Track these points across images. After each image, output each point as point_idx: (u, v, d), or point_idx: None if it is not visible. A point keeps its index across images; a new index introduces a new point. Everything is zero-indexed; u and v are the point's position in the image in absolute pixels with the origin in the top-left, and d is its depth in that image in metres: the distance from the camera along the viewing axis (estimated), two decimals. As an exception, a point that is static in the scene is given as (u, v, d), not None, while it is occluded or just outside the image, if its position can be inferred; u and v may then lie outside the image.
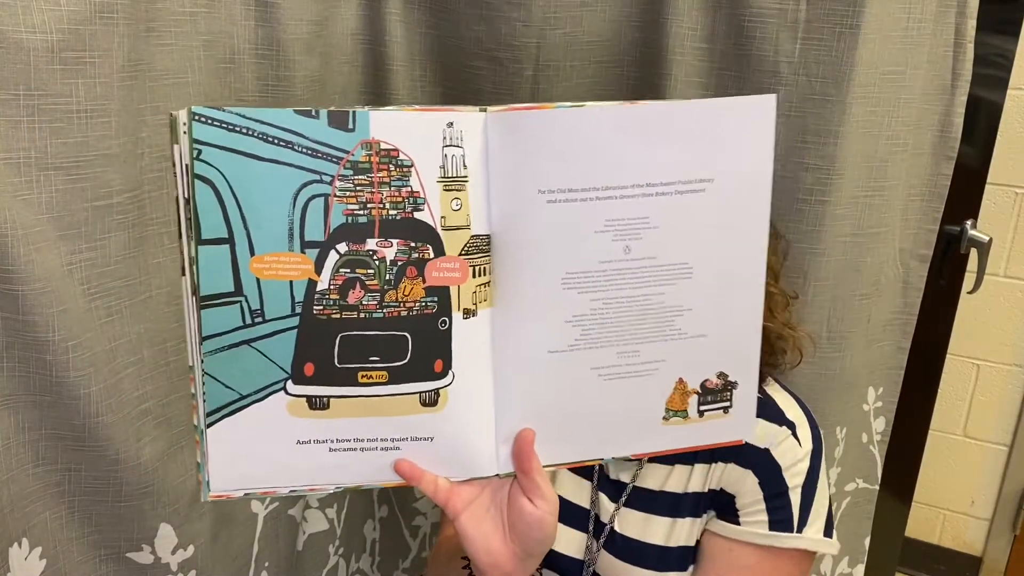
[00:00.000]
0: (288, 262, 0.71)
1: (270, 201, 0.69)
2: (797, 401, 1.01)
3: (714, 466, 0.98)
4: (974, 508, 2.15)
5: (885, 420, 1.33)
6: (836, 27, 1.07)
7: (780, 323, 1.00)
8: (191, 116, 0.67)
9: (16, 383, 0.85)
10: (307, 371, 0.73)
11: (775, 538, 0.94)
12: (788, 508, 0.95)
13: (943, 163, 1.21)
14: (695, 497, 0.98)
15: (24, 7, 0.77)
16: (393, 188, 0.72)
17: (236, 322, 0.71)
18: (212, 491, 0.73)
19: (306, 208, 0.70)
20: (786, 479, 0.96)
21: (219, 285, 0.70)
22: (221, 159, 0.68)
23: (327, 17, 1.09)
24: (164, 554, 1.00)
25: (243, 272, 0.70)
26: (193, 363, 0.72)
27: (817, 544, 0.96)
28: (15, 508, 0.88)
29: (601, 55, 1.17)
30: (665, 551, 0.98)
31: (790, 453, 0.96)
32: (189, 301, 0.71)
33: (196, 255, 0.69)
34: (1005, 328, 2.01)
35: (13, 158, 0.80)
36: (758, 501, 0.95)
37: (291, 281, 0.71)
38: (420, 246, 0.73)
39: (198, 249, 0.69)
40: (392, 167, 0.72)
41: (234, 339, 0.71)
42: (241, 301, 0.71)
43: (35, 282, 0.81)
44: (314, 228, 0.71)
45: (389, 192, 0.72)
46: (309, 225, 0.71)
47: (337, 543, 1.34)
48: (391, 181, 0.72)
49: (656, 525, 0.98)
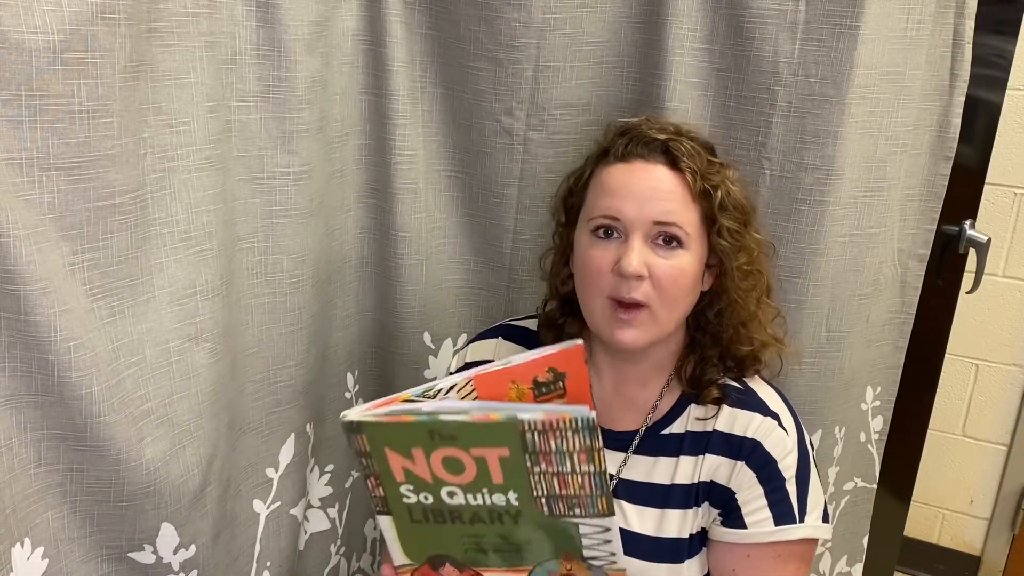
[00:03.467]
0: None
1: None
2: (777, 392, 1.04)
3: (702, 458, 0.99)
4: (973, 507, 2.15)
5: (883, 419, 1.33)
6: (835, 28, 1.08)
7: (770, 335, 1.04)
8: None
9: (18, 383, 0.85)
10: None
11: (783, 531, 0.96)
12: (788, 501, 0.96)
13: (941, 163, 1.21)
14: (684, 489, 0.99)
15: (25, 8, 0.77)
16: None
17: None
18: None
19: None
20: (782, 471, 0.97)
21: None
22: None
23: (328, 18, 1.09)
24: (166, 554, 1.00)
25: None
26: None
27: (819, 530, 0.98)
28: (17, 508, 0.88)
29: (601, 56, 1.17)
30: (656, 541, 0.98)
31: (780, 444, 0.98)
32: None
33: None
34: (1004, 328, 2.01)
35: (15, 158, 0.80)
36: (759, 497, 0.96)
37: None
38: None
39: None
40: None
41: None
42: None
43: (37, 282, 0.82)
44: None
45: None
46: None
47: (338, 543, 1.35)
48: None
49: (645, 516, 0.99)
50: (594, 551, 0.81)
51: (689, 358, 1.04)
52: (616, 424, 1.04)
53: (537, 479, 0.77)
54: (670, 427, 1.02)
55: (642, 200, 0.95)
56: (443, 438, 0.75)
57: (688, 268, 0.96)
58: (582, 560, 0.81)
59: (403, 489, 0.79)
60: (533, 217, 1.23)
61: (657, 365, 1.04)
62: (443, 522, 0.80)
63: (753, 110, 1.13)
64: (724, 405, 1.00)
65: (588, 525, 0.79)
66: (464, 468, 0.77)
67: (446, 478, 0.78)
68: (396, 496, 0.79)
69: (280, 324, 1.14)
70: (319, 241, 1.16)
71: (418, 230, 1.24)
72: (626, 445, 1.03)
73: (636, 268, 0.93)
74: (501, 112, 1.18)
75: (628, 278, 0.93)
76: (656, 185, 0.96)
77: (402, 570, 0.85)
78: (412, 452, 0.77)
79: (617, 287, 0.95)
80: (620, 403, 1.05)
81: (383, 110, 1.18)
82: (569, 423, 0.72)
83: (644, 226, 0.94)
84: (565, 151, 1.21)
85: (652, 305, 0.95)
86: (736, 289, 1.00)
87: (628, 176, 0.97)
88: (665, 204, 0.95)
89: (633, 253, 0.93)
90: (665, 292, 0.95)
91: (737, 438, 0.98)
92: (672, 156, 0.96)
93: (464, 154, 1.23)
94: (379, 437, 0.76)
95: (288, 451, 1.20)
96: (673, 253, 0.95)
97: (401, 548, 0.83)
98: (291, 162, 1.08)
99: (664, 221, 0.95)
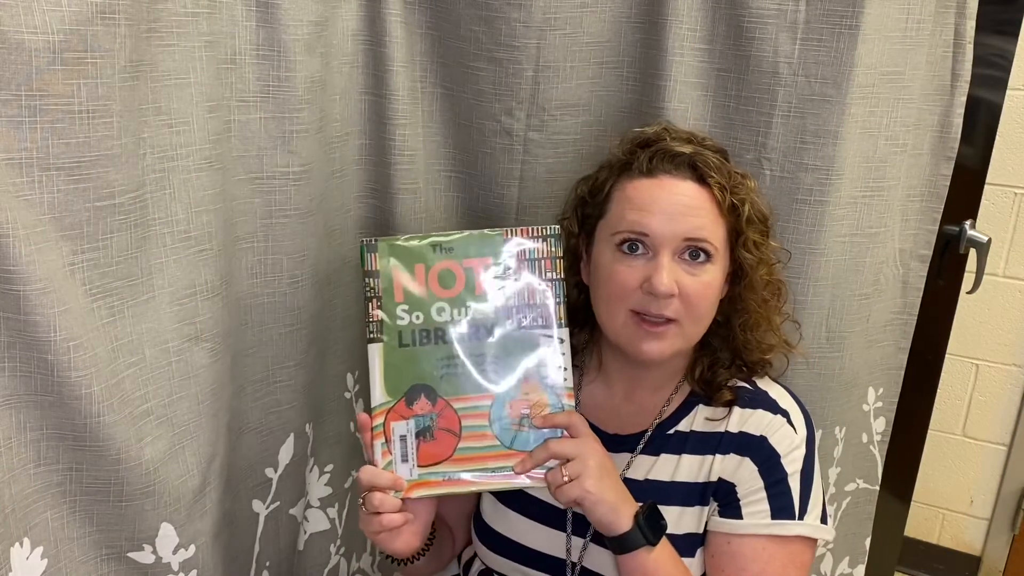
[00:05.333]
0: None
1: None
2: (788, 392, 1.05)
3: (713, 458, 0.99)
4: (973, 508, 2.15)
5: (886, 420, 1.33)
6: (835, 28, 1.08)
7: (780, 339, 1.05)
8: None
9: (17, 383, 0.85)
10: None
11: (778, 526, 0.96)
12: (788, 495, 0.97)
13: (942, 163, 1.21)
14: (687, 487, 0.99)
15: (25, 8, 0.77)
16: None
17: None
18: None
19: None
20: (785, 466, 0.97)
21: None
22: None
23: (328, 18, 1.09)
24: (165, 554, 1.00)
25: None
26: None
27: (817, 530, 0.97)
28: (16, 508, 0.88)
29: (601, 56, 1.17)
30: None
31: (787, 440, 0.98)
32: None
33: None
34: (1004, 328, 2.01)
35: (15, 158, 0.80)
36: (759, 489, 0.96)
37: None
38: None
39: None
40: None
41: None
42: None
43: (37, 282, 0.81)
44: None
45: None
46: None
47: (338, 542, 1.35)
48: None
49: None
50: (549, 367, 0.96)
51: (701, 361, 1.04)
52: (625, 428, 1.04)
53: (511, 288, 0.96)
54: (676, 426, 1.03)
55: (672, 216, 0.95)
56: (444, 250, 0.95)
57: (714, 282, 0.97)
58: (539, 379, 0.96)
59: (399, 310, 0.95)
60: (533, 217, 1.23)
61: (670, 371, 1.05)
62: (427, 343, 0.95)
63: (753, 110, 1.13)
64: (735, 407, 1.01)
65: (547, 336, 0.96)
66: (455, 280, 0.95)
67: (438, 292, 0.95)
68: (392, 318, 0.95)
69: (280, 324, 1.14)
70: (319, 241, 1.16)
71: (418, 230, 1.24)
72: (633, 447, 1.03)
73: (668, 287, 0.93)
74: (501, 112, 1.18)
75: (660, 297, 0.93)
76: (686, 201, 0.96)
77: (378, 411, 0.94)
78: (415, 267, 0.95)
79: (645, 304, 0.95)
80: (630, 408, 1.05)
81: (383, 110, 1.18)
82: (540, 231, 0.96)
83: (673, 242, 0.94)
84: (565, 151, 1.21)
85: (682, 320, 0.95)
86: (756, 299, 1.01)
87: (657, 191, 0.96)
88: (694, 220, 0.95)
89: (664, 272, 0.93)
90: (694, 308, 0.95)
91: (747, 436, 0.99)
92: (699, 171, 0.96)
93: (464, 154, 1.23)
94: (389, 254, 0.95)
95: (287, 451, 1.20)
96: (701, 268, 0.95)
97: (382, 381, 0.94)
98: (291, 162, 1.08)
99: (694, 237, 0.95)
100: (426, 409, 0.95)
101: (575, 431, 0.95)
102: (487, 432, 0.95)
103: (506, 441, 0.95)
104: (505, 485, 0.95)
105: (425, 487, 0.94)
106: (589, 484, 0.90)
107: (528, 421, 0.95)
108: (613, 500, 0.92)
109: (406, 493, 0.93)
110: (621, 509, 0.92)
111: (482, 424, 0.95)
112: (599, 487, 0.91)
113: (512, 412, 0.96)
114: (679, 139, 1.00)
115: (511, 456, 0.95)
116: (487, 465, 0.95)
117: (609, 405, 1.06)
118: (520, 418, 0.95)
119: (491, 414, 0.96)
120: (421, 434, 0.94)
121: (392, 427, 0.94)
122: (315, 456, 1.28)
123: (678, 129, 1.04)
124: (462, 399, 0.95)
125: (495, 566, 1.07)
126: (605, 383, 1.07)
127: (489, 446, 0.95)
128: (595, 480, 0.91)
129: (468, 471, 0.95)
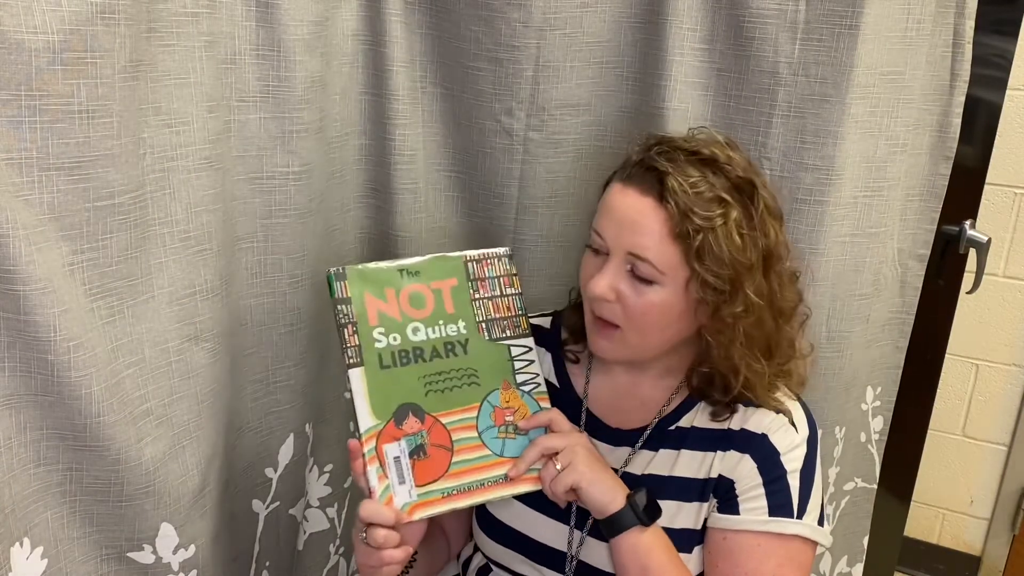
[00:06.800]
0: None
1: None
2: (792, 393, 1.04)
3: (714, 455, 0.99)
4: (973, 508, 2.15)
5: (883, 420, 1.33)
6: (835, 28, 1.08)
7: (784, 370, 1.02)
8: None
9: (17, 383, 0.85)
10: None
11: (775, 523, 0.96)
12: (787, 493, 0.96)
13: (941, 163, 1.21)
14: (684, 482, 0.99)
15: (25, 8, 0.77)
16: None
17: None
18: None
19: None
20: (784, 463, 0.97)
21: None
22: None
23: (327, 18, 1.09)
24: (165, 554, 1.00)
25: None
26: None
27: (815, 532, 0.97)
28: (16, 508, 0.88)
29: (601, 56, 1.17)
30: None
31: (787, 438, 0.98)
32: None
33: None
34: (1004, 328, 2.01)
35: (15, 158, 0.80)
36: (757, 486, 0.96)
37: None
38: None
39: None
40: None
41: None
42: None
43: (36, 282, 0.81)
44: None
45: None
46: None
47: (338, 542, 1.35)
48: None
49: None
50: (523, 375, 1.02)
51: (697, 371, 1.02)
52: (626, 423, 1.05)
53: (478, 305, 1.01)
54: (677, 422, 1.03)
55: (621, 226, 0.95)
56: (411, 274, 0.99)
57: (660, 303, 0.94)
58: (516, 387, 1.01)
59: (376, 333, 0.96)
60: (533, 217, 1.23)
61: (667, 368, 1.05)
62: (408, 363, 0.96)
63: (753, 110, 1.13)
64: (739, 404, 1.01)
65: (516, 346, 1.02)
66: (425, 302, 0.99)
67: (411, 313, 0.98)
68: (369, 342, 0.95)
69: (279, 324, 1.14)
70: (319, 241, 1.16)
71: (418, 230, 1.24)
72: (633, 442, 1.03)
73: (600, 292, 0.95)
74: (501, 112, 1.18)
75: (590, 297, 0.97)
76: (634, 217, 0.93)
77: (368, 435, 0.93)
78: (385, 292, 0.97)
79: (592, 301, 0.98)
80: (631, 403, 1.06)
81: (383, 110, 1.18)
82: (493, 254, 1.03)
83: (619, 253, 0.95)
84: (565, 151, 1.21)
85: (623, 327, 0.97)
86: (722, 338, 0.96)
87: (619, 198, 0.96)
88: (639, 238, 0.93)
89: (601, 277, 0.95)
90: (633, 320, 0.96)
91: (748, 433, 0.99)
92: (662, 190, 0.92)
93: (464, 154, 1.23)
94: (359, 281, 0.96)
95: (287, 451, 1.20)
96: (645, 287, 0.94)
97: (369, 405, 0.94)
98: (291, 162, 1.08)
99: (635, 254, 0.93)
100: (415, 428, 0.95)
101: (557, 426, 0.99)
102: (477, 443, 0.97)
103: (496, 449, 0.98)
104: (504, 493, 0.97)
105: (426, 507, 0.93)
106: (582, 467, 0.94)
107: (513, 427, 0.99)
108: (607, 479, 0.95)
109: (408, 516, 0.92)
110: (616, 488, 0.95)
111: (471, 436, 0.97)
112: (592, 468, 0.94)
113: (497, 421, 0.98)
114: (675, 153, 0.95)
115: (504, 463, 0.98)
116: (483, 476, 0.97)
117: (612, 399, 1.06)
118: (505, 425, 0.99)
119: (478, 425, 0.98)
120: (414, 453, 0.94)
121: (385, 450, 0.93)
122: (315, 456, 1.28)
123: (699, 141, 0.97)
124: (449, 413, 0.97)
125: (496, 556, 1.07)
126: (609, 379, 1.07)
127: (481, 456, 0.97)
128: (586, 464, 0.94)
129: (465, 484, 0.96)
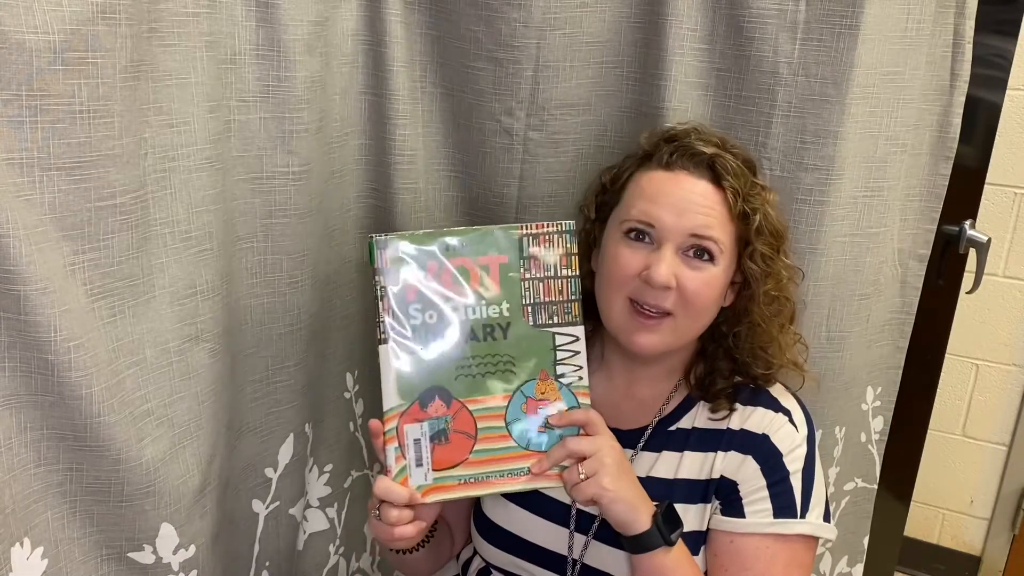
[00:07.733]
0: None
1: None
2: (788, 390, 1.05)
3: (715, 455, 0.99)
4: (973, 508, 2.15)
5: (884, 420, 1.33)
6: (835, 28, 1.08)
7: (789, 360, 1.04)
8: None
9: (18, 383, 0.85)
10: None
11: (781, 524, 0.96)
12: (791, 493, 0.97)
13: (941, 163, 1.21)
14: (690, 484, 0.99)
15: (26, 7, 0.77)
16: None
17: None
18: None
19: None
20: (787, 464, 0.98)
21: None
22: None
23: (327, 18, 1.09)
24: (165, 554, 1.00)
25: None
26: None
27: (820, 529, 0.98)
28: (17, 508, 0.88)
29: (601, 56, 1.17)
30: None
31: (789, 439, 0.99)
32: None
33: None
34: (1004, 328, 2.01)
35: (15, 158, 0.80)
36: (761, 488, 0.97)
37: None
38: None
39: None
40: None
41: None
42: None
43: (37, 282, 0.81)
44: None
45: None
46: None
47: (337, 542, 1.35)
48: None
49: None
50: (565, 366, 0.95)
51: (699, 365, 1.04)
52: (625, 423, 1.04)
53: (527, 286, 0.94)
54: (678, 423, 1.03)
55: (681, 210, 0.95)
56: (457, 247, 0.93)
57: (715, 282, 0.97)
58: (555, 379, 0.95)
59: (411, 309, 0.91)
60: (533, 217, 1.23)
61: (669, 368, 1.05)
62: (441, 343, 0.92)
63: (753, 110, 1.13)
64: (737, 403, 1.01)
65: (562, 335, 0.95)
66: (469, 278, 0.93)
67: (452, 291, 0.92)
68: (403, 318, 0.91)
69: (279, 324, 1.14)
70: (319, 241, 1.16)
71: (418, 229, 1.24)
72: (634, 443, 1.03)
73: (666, 279, 0.93)
74: (501, 112, 1.18)
75: (656, 287, 0.94)
76: (697, 199, 0.96)
77: (390, 415, 0.91)
78: (427, 265, 0.92)
79: (642, 292, 0.95)
80: (630, 403, 1.06)
81: (383, 110, 1.18)
82: (556, 227, 0.95)
83: (679, 237, 0.95)
84: (565, 151, 1.21)
85: (677, 314, 0.96)
86: (760, 314, 1.00)
87: (670, 185, 0.97)
88: (703, 218, 0.95)
89: (664, 264, 0.94)
90: (690, 304, 0.95)
91: (749, 434, 0.99)
92: (716, 173, 0.96)
93: (464, 154, 1.23)
94: (401, 251, 0.91)
95: (287, 451, 1.20)
96: (703, 266, 0.96)
97: (396, 384, 0.91)
98: (291, 162, 1.08)
99: (700, 234, 0.95)
100: (441, 412, 0.93)
101: (592, 429, 0.94)
102: (503, 433, 0.94)
103: (522, 442, 0.94)
104: (521, 486, 0.94)
105: (441, 491, 0.93)
106: (606, 482, 0.90)
107: (545, 420, 0.95)
108: (631, 498, 0.91)
109: (422, 498, 0.92)
110: (640, 508, 0.92)
111: (498, 425, 0.94)
112: (616, 485, 0.90)
113: (528, 411, 0.95)
114: (706, 140, 1.00)
115: (528, 457, 0.94)
116: (503, 467, 0.94)
117: (610, 399, 1.06)
118: (537, 416, 0.94)
119: (507, 415, 0.94)
120: (435, 437, 0.92)
121: (405, 431, 0.91)
122: (314, 456, 1.28)
123: (710, 131, 1.04)
124: (478, 400, 0.94)
125: (494, 561, 1.07)
126: (607, 376, 1.07)
127: (506, 447, 0.94)
128: (612, 478, 0.90)
129: (484, 473, 0.93)
